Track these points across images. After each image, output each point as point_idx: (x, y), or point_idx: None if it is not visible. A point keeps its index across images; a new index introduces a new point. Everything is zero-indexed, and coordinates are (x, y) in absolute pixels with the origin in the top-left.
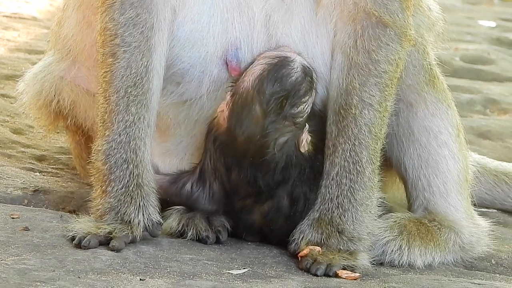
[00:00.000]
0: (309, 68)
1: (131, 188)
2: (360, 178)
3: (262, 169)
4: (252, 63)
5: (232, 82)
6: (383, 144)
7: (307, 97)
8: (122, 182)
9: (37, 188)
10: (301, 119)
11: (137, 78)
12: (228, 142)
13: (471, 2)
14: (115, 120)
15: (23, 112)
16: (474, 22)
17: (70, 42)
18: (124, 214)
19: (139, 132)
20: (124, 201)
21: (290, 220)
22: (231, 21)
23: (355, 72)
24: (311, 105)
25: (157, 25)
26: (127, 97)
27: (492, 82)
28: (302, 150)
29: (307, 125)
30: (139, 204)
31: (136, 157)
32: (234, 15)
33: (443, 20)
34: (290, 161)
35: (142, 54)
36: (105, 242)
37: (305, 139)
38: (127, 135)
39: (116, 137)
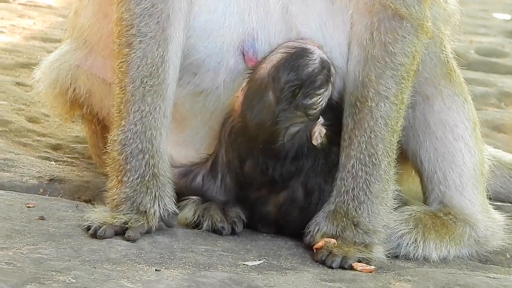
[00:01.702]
0: (327, 61)
1: (147, 178)
2: (376, 171)
3: (273, 158)
4: (271, 52)
5: (249, 69)
6: (399, 137)
7: (322, 90)
8: (138, 172)
9: (52, 177)
10: (314, 111)
11: (153, 68)
12: (241, 128)
13: None
14: (131, 110)
15: (39, 101)
16: (488, 14)
17: (87, 32)
18: (139, 204)
19: (155, 122)
20: (140, 191)
21: (305, 212)
22: (248, 11)
23: (372, 64)
24: (326, 98)
25: (173, 15)
26: (143, 87)
27: (506, 75)
28: (315, 142)
29: (321, 118)
30: (155, 194)
31: (152, 147)
32: (251, 5)
33: (459, 12)
34: (302, 152)
35: (158, 44)
36: (121, 232)
37: (318, 131)
38: (143, 125)
39: (132, 127)
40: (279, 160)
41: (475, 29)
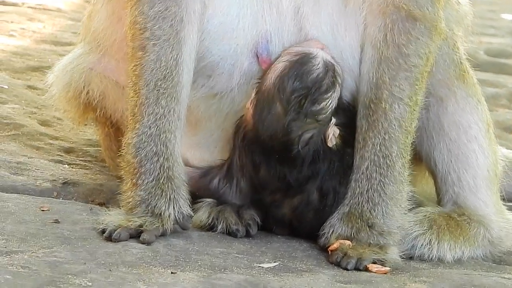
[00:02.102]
0: (331, 63)
1: (161, 181)
2: (390, 172)
3: (290, 165)
4: (278, 57)
5: (258, 78)
6: (413, 138)
7: (329, 93)
8: (153, 175)
9: (66, 180)
10: (325, 115)
11: (167, 71)
12: (254, 138)
13: None
14: (145, 113)
15: (52, 104)
16: (496, 15)
17: (100, 36)
18: (154, 207)
19: (169, 125)
20: (154, 194)
21: (320, 214)
22: (261, 13)
23: (385, 66)
24: (336, 99)
25: (186, 18)
26: (157, 90)
27: None
28: (330, 144)
29: (333, 119)
30: (170, 197)
31: (167, 149)
32: (264, 7)
33: (471, 14)
34: (318, 156)
35: (172, 47)
36: (136, 235)
37: (332, 133)
38: (157, 128)
39: (146, 130)
40: (295, 167)
41: (484, 29)
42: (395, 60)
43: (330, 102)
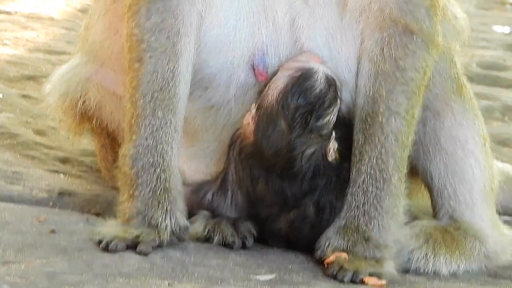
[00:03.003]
0: (332, 78)
1: (158, 193)
2: (387, 186)
3: (290, 181)
4: (276, 73)
5: (258, 93)
6: (409, 152)
7: (332, 108)
8: (150, 187)
9: (62, 190)
10: (328, 130)
11: (164, 83)
12: (255, 154)
13: (484, 8)
14: (142, 125)
15: (47, 114)
16: (488, 28)
17: (98, 48)
18: (151, 218)
19: (166, 136)
20: (151, 205)
21: (316, 228)
22: (257, 26)
23: (382, 79)
24: (336, 114)
25: (183, 30)
26: (153, 102)
27: (509, 89)
28: (330, 159)
29: (333, 133)
30: (166, 208)
31: (163, 161)
32: (260, 19)
33: (468, 29)
34: (318, 171)
35: (169, 59)
36: (132, 246)
37: (333, 148)
38: (154, 139)
39: (143, 141)
40: (296, 182)
41: (476, 42)
42: (392, 73)
43: (332, 116)
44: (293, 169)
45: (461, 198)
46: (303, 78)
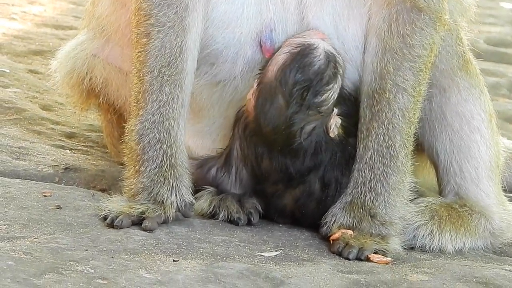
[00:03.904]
0: (333, 54)
1: (164, 168)
2: (394, 163)
3: (292, 157)
4: (277, 51)
5: (259, 69)
6: (415, 129)
7: (331, 84)
8: (156, 162)
9: (67, 166)
10: (327, 107)
11: (171, 58)
12: (256, 131)
13: None
14: (149, 100)
15: (53, 89)
16: (496, 4)
17: (104, 22)
18: (157, 194)
19: (172, 112)
20: (157, 181)
21: (322, 204)
22: (265, 2)
23: (390, 56)
24: (337, 90)
25: (191, 5)
26: (161, 77)
27: None
28: (332, 135)
29: (335, 110)
30: (172, 184)
31: (170, 137)
32: None
33: (475, 5)
34: (320, 147)
35: (176, 34)
36: (138, 222)
37: (334, 123)
38: (160, 115)
39: (149, 117)
40: (298, 158)
41: (483, 18)
42: (400, 50)
43: (332, 93)
44: (293, 145)
45: (467, 175)
46: (302, 54)
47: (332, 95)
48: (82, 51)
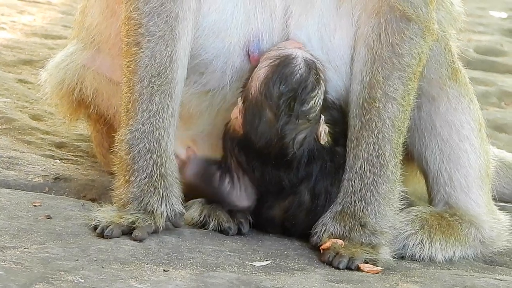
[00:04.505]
0: (312, 60)
1: (154, 178)
2: (384, 172)
3: (286, 168)
4: (256, 66)
5: (241, 87)
6: (405, 139)
7: (316, 91)
8: (146, 172)
9: (57, 175)
10: (315, 113)
11: (161, 68)
12: (247, 147)
13: None
14: (138, 110)
15: (42, 98)
16: (485, 12)
17: (94, 31)
18: (147, 204)
19: (162, 122)
20: (147, 191)
21: (312, 214)
22: (254, 12)
23: (379, 65)
24: (322, 95)
25: (181, 14)
26: (151, 87)
27: (505, 74)
28: (322, 142)
29: (322, 117)
30: (162, 194)
31: (160, 147)
32: (256, 5)
33: (464, 14)
34: (313, 155)
35: (167, 44)
36: (128, 232)
37: (323, 130)
38: (150, 124)
39: (139, 126)
40: (292, 169)
41: (473, 27)
42: (389, 59)
43: (317, 99)
44: (287, 156)
45: (457, 184)
46: (282, 65)
47: (318, 101)
48: (72, 62)
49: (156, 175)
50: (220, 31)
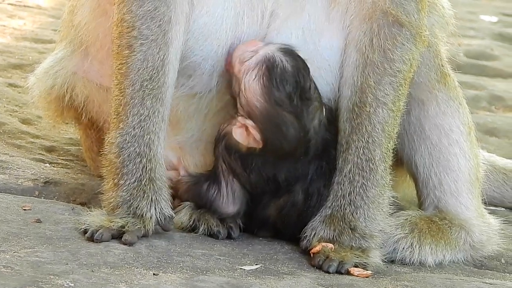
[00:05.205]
0: (286, 48)
1: (143, 182)
2: (373, 176)
3: (304, 160)
4: (234, 79)
5: (237, 107)
6: (394, 144)
7: (306, 70)
8: (135, 176)
9: (47, 179)
10: (318, 90)
11: (153, 72)
12: (267, 158)
13: None
14: (129, 114)
15: (33, 102)
16: (476, 17)
17: (83, 31)
18: (136, 208)
19: (153, 126)
20: (136, 195)
21: (303, 215)
22: (241, 15)
23: (370, 70)
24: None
25: (174, 18)
26: (142, 91)
27: (496, 78)
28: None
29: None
30: (152, 198)
31: (150, 151)
32: (245, 9)
33: (454, 17)
34: (326, 142)
35: (159, 48)
36: (118, 235)
37: (326, 107)
38: (141, 128)
39: (130, 130)
40: (307, 157)
41: (464, 31)
42: (381, 64)
43: (311, 75)
44: (309, 146)
45: (446, 188)
46: (271, 69)
47: (312, 77)
48: (61, 69)
49: (145, 179)
50: (209, 34)
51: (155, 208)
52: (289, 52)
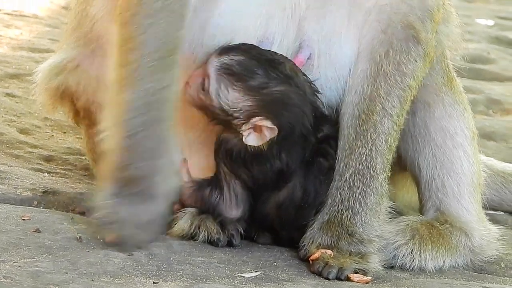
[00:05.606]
0: (220, 50)
1: None
2: (373, 183)
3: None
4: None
5: (244, 113)
6: (393, 158)
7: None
8: None
9: (46, 189)
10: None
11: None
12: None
13: (468, 0)
14: None
15: (30, 112)
16: (471, 20)
17: (98, 24)
18: None
19: None
20: None
21: (300, 212)
22: (271, 14)
23: (382, 80)
24: None
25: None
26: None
27: (493, 82)
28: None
29: None
30: None
31: None
32: (276, 10)
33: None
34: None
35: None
36: None
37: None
38: None
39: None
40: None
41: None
42: (393, 76)
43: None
44: (316, 107)
45: (449, 190)
46: (230, 72)
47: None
48: (67, 63)
49: None
50: (238, 30)
51: None
52: (226, 49)
